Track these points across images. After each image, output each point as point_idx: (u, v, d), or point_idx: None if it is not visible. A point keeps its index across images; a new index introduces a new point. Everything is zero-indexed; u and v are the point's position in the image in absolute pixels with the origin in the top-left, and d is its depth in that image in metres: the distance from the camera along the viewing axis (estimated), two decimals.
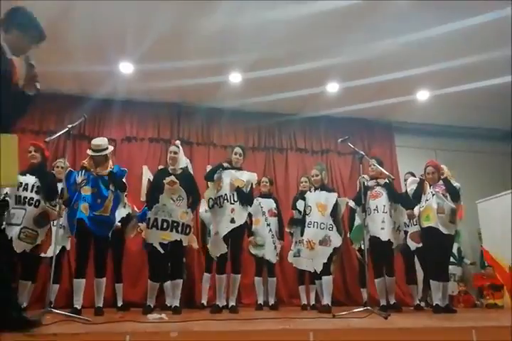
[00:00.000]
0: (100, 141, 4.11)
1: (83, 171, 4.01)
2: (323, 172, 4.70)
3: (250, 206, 4.50)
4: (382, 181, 4.78)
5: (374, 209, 4.62)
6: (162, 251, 3.94)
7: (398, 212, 4.78)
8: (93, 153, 3.99)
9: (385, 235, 4.50)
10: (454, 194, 4.46)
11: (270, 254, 5.07)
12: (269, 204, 5.28)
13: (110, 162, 4.11)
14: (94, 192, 3.92)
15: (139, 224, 4.84)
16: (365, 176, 5.01)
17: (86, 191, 3.93)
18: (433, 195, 4.47)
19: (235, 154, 4.46)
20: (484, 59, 5.54)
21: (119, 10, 4.80)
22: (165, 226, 3.98)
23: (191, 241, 4.51)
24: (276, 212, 5.29)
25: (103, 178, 3.97)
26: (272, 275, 5.26)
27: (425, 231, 4.50)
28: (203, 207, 5.24)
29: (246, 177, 4.41)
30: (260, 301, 5.15)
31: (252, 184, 4.44)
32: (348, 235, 5.16)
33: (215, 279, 5.18)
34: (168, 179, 4.06)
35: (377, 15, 4.87)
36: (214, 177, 4.36)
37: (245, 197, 4.32)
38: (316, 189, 4.66)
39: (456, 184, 4.54)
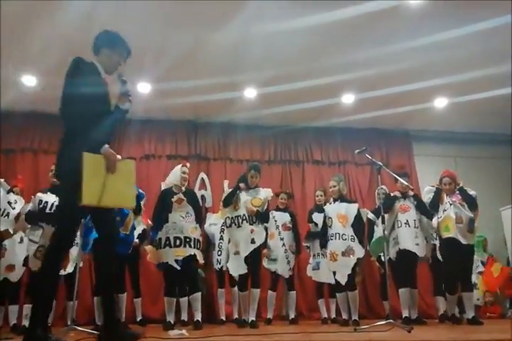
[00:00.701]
0: None
1: None
2: (341, 183, 4.68)
3: (267, 223, 4.55)
4: (410, 192, 4.72)
5: (405, 223, 4.55)
6: (179, 268, 3.97)
7: (425, 223, 4.71)
8: None
9: (420, 251, 4.49)
10: (471, 203, 4.42)
11: (283, 269, 5.04)
12: (283, 218, 5.27)
13: None
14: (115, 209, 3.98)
15: (145, 247, 4.85)
16: (384, 187, 4.97)
17: None
18: (450, 204, 4.42)
19: (251, 177, 4.50)
20: (503, 65, 5.47)
21: (136, 32, 4.93)
22: (178, 243, 4.03)
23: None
24: (290, 226, 5.26)
25: None
26: (291, 289, 5.21)
27: (445, 243, 4.46)
28: (208, 221, 5.28)
29: (263, 195, 4.47)
30: (270, 316, 5.10)
31: (268, 201, 4.49)
32: (368, 247, 5.10)
33: (229, 294, 5.23)
34: (176, 197, 4.16)
35: (392, 24, 4.87)
36: (232, 201, 4.42)
37: (262, 217, 4.41)
38: (335, 200, 4.64)
39: (472, 192, 4.49)
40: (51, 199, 4.13)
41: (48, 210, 4.07)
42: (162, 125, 6.99)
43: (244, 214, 4.32)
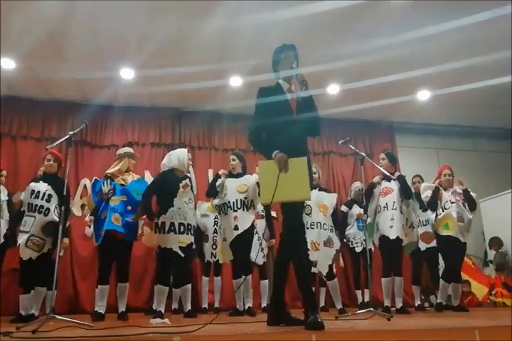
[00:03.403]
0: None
1: (108, 181, 4.06)
2: (320, 172, 4.69)
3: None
4: (396, 174, 4.58)
5: (384, 207, 4.44)
6: (183, 255, 3.85)
7: (411, 208, 4.57)
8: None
9: (393, 233, 4.30)
10: (472, 204, 4.64)
11: (257, 257, 4.92)
12: None
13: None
14: (124, 200, 4.02)
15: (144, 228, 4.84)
16: (359, 184, 5.08)
17: (114, 201, 3.98)
18: (452, 203, 4.56)
19: (230, 162, 4.56)
20: (485, 58, 5.53)
21: (120, 17, 4.84)
22: (182, 229, 3.88)
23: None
24: (263, 214, 5.25)
25: (134, 185, 4.13)
26: (264, 278, 5.22)
27: (444, 240, 4.59)
28: (198, 211, 5.25)
29: (249, 180, 4.42)
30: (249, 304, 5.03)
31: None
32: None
33: (213, 282, 5.32)
34: (184, 182, 4.03)
35: (376, 16, 4.89)
36: (216, 190, 4.42)
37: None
38: (313, 188, 4.60)
39: (472, 194, 4.68)
40: (43, 188, 4.03)
41: (40, 199, 3.97)
42: (146, 112, 6.90)
43: (229, 201, 4.31)
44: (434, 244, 5.08)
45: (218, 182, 4.43)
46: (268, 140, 2.74)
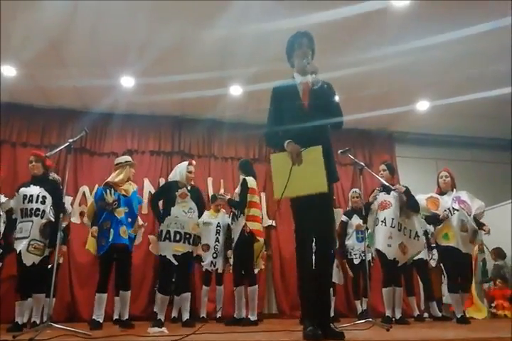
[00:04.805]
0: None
1: (111, 190, 4.07)
2: None
3: (242, 209, 4.39)
4: (396, 186, 4.51)
5: (382, 222, 4.37)
6: (176, 263, 3.88)
7: (415, 218, 4.45)
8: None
9: (391, 253, 4.26)
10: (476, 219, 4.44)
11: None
12: None
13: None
14: (127, 211, 4.07)
15: (149, 236, 4.89)
16: (357, 190, 5.05)
17: (120, 213, 4.01)
18: (454, 210, 4.36)
19: None
20: (484, 69, 5.57)
21: (121, 25, 4.87)
22: (178, 238, 3.94)
23: (198, 250, 4.59)
24: None
25: (134, 196, 4.20)
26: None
27: (444, 251, 4.42)
28: (201, 220, 5.24)
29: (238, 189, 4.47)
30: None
31: (245, 188, 4.41)
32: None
33: (213, 292, 5.28)
34: (180, 191, 4.09)
35: (376, 26, 4.92)
36: None
37: (235, 204, 4.43)
38: None
39: (479, 202, 4.48)
40: (35, 191, 3.99)
41: (35, 203, 3.93)
42: (146, 120, 6.92)
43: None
44: (421, 255, 5.12)
45: None
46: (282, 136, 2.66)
